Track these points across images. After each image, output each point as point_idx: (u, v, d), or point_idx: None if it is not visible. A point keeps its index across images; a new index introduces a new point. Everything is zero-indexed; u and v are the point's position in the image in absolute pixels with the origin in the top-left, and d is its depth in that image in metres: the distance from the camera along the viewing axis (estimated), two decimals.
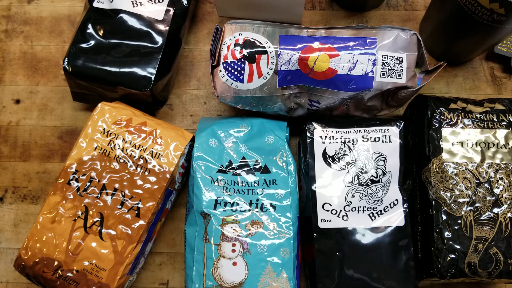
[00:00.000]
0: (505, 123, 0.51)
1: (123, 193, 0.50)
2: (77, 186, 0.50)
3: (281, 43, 0.50)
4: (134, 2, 0.56)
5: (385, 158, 0.51)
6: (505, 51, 0.60)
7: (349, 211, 0.49)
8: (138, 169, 0.50)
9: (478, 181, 0.49)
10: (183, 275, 0.56)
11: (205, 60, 0.63)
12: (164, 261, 0.56)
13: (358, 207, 0.49)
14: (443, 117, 0.51)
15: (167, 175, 0.50)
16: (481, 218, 0.48)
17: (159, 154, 0.51)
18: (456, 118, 0.51)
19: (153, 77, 0.53)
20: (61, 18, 0.65)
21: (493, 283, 0.55)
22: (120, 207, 0.49)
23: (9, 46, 0.64)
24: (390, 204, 0.50)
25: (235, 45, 0.50)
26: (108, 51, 0.54)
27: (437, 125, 0.51)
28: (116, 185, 0.50)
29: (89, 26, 0.55)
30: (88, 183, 0.50)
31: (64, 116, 0.61)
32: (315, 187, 0.50)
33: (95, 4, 0.56)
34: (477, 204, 0.48)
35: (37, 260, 0.48)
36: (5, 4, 0.65)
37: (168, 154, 0.51)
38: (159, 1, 0.56)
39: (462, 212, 0.48)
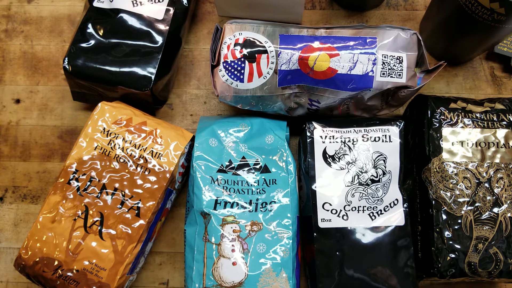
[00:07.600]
0: (505, 122, 0.51)
1: (123, 192, 0.50)
2: (77, 185, 0.50)
3: (281, 43, 0.50)
4: (134, 2, 0.56)
5: (385, 157, 0.51)
6: (505, 51, 0.60)
7: (349, 210, 0.49)
8: (138, 168, 0.50)
9: (478, 181, 0.49)
10: (183, 274, 0.56)
11: (205, 59, 0.63)
12: (164, 260, 0.56)
13: (358, 207, 0.49)
14: (443, 117, 0.51)
15: (167, 175, 0.50)
16: (481, 217, 0.48)
17: (159, 153, 0.51)
18: (456, 117, 0.51)
19: (153, 76, 0.53)
20: (61, 18, 0.65)
21: (493, 283, 0.55)
22: (120, 206, 0.49)
23: (9, 45, 0.64)
24: (390, 204, 0.50)
25: (235, 44, 0.50)
26: (108, 50, 0.54)
27: (437, 124, 0.51)
28: (116, 185, 0.50)
29: (89, 25, 0.55)
30: (88, 183, 0.50)
31: (64, 115, 0.61)
32: (315, 187, 0.50)
33: (95, 4, 0.56)
34: (477, 204, 0.48)
35: (37, 259, 0.48)
36: (5, 3, 0.65)
37: (168, 154, 0.51)
38: (159, 1, 0.56)
39: (462, 212, 0.48)
